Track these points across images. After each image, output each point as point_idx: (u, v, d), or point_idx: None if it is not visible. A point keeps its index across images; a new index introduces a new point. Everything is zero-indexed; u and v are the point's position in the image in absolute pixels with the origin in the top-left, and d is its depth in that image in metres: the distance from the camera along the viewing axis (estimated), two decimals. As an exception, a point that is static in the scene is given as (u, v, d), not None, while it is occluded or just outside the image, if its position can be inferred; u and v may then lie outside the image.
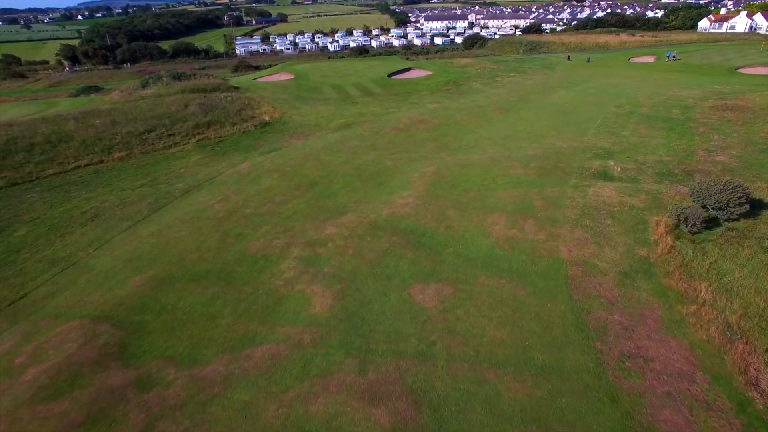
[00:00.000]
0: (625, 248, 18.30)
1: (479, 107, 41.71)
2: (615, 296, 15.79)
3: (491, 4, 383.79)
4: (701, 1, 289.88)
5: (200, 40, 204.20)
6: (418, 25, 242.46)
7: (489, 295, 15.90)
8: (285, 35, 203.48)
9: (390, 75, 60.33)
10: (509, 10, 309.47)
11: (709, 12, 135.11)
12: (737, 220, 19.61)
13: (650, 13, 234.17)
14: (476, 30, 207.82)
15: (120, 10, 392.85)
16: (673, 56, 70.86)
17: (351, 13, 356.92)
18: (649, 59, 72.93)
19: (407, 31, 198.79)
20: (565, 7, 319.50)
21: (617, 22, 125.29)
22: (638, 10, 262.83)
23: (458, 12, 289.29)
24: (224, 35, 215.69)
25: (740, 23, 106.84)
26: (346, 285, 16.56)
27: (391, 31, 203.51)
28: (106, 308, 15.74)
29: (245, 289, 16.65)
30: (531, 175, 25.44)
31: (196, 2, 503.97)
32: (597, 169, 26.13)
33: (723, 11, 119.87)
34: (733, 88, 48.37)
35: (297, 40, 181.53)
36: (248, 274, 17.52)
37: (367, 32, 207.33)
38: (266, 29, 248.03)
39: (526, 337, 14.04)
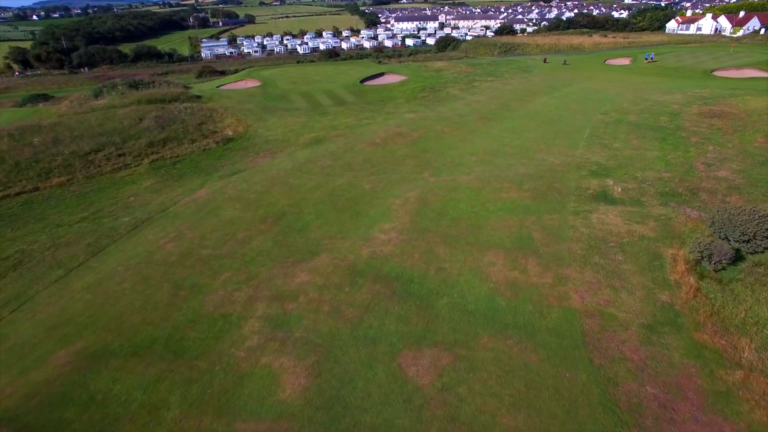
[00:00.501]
0: (643, 292, 15.87)
1: (460, 116, 39.17)
2: (643, 359, 13.28)
3: (460, 5, 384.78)
4: (662, 3, 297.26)
5: (164, 43, 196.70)
6: (389, 26, 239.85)
7: (495, 363, 13.17)
8: (253, 37, 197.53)
9: (362, 81, 57.36)
10: (479, 10, 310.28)
11: (674, 14, 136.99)
12: (762, 252, 17.47)
13: (615, 14, 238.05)
14: (447, 31, 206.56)
15: (79, 11, 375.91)
16: (651, 58, 70.22)
17: (320, 14, 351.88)
18: (625, 61, 72.10)
19: (378, 33, 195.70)
20: (533, 8, 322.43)
21: (588, 23, 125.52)
22: (603, 10, 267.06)
23: (428, 12, 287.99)
24: (189, 38, 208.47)
25: (706, 25, 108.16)
26: (322, 356, 13.56)
27: (362, 32, 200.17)
28: (11, 404, 12.31)
29: (198, 364, 13.47)
30: (525, 198, 22.92)
31: (161, 3, 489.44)
32: (596, 190, 23.82)
33: (689, 13, 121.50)
34: (713, 93, 47.34)
35: (265, 43, 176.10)
36: (203, 342, 14.32)
37: (336, 34, 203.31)
38: (233, 31, 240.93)
39: (546, 426, 11.35)
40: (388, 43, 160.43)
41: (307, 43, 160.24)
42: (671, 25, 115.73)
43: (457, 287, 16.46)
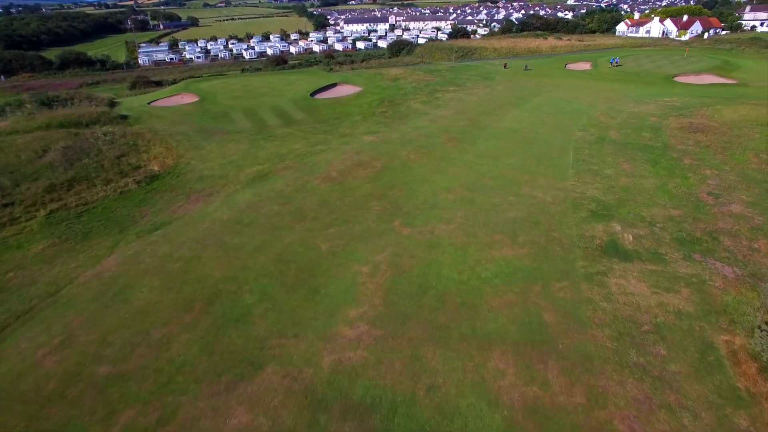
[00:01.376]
0: (712, 415, 11.62)
1: (426, 138, 34.57)
2: None
3: (409, 5, 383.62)
4: (602, 4, 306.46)
5: (98, 48, 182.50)
6: (338, 28, 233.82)
7: None
8: (196, 41, 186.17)
9: (313, 93, 51.86)
10: (428, 11, 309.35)
11: (621, 16, 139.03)
12: (836, 336, 13.66)
13: (560, 14, 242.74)
14: (398, 33, 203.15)
15: (0, 10, 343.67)
16: (616, 62, 68.60)
17: (267, 16, 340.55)
18: (586, 66, 70.09)
19: (327, 35, 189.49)
20: (482, 9, 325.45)
21: (542, 26, 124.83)
22: (549, 11, 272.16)
23: (378, 14, 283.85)
24: (126, 42, 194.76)
25: (655, 28, 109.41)
26: None
27: (311, 35, 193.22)
28: None
29: None
30: (523, 256, 18.48)
31: (96, 3, 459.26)
32: (603, 239, 19.71)
33: (636, 16, 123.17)
34: (684, 102, 45.20)
35: (209, 47, 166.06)
36: None
37: (285, 37, 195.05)
38: (175, 35, 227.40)
39: None
40: (339, 47, 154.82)
41: (253, 48, 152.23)
42: (621, 28, 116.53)
43: (458, 419, 11.67)
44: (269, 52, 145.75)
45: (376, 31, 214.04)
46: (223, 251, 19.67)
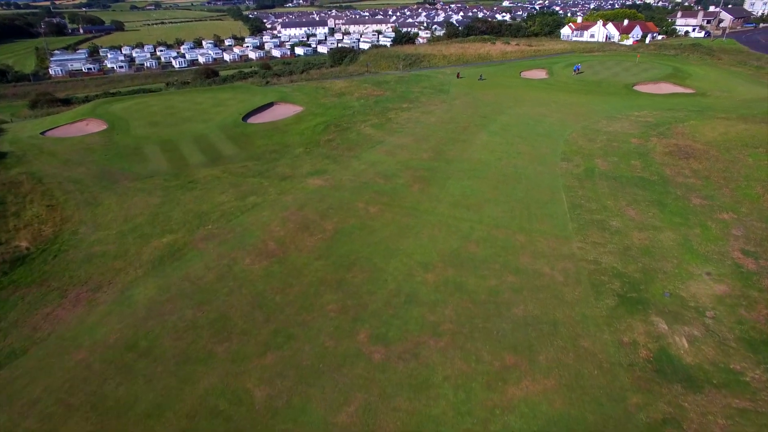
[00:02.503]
0: None
1: (385, 178, 28.33)
2: None
3: (348, 8, 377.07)
4: (536, 6, 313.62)
5: (4, 54, 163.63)
6: (275, 32, 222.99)
7: None
8: (119, 48, 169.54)
9: (246, 116, 44.30)
10: (367, 14, 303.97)
11: (562, 19, 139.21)
12: None
13: (498, 16, 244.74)
14: (338, 36, 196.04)
15: None
16: (578, 69, 65.48)
17: (200, 20, 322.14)
18: (542, 74, 66.45)
19: (264, 41, 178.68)
20: (421, 11, 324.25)
21: (487, 29, 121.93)
22: (486, 12, 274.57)
23: (316, 17, 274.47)
24: (37, 48, 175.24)
25: (598, 32, 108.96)
26: None
27: (246, 40, 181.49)
28: None
29: None
30: (552, 394, 12.63)
31: (3, 4, 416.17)
32: (649, 349, 14.26)
33: (579, 19, 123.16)
34: (657, 118, 41.65)
35: (134, 55, 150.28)
36: None
37: (218, 43, 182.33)
38: (96, 40, 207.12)
39: None
40: (276, 53, 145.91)
41: (184, 56, 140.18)
42: (566, 32, 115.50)
43: None
44: (201, 60, 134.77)
45: (315, 35, 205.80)
46: (97, 419, 12.44)
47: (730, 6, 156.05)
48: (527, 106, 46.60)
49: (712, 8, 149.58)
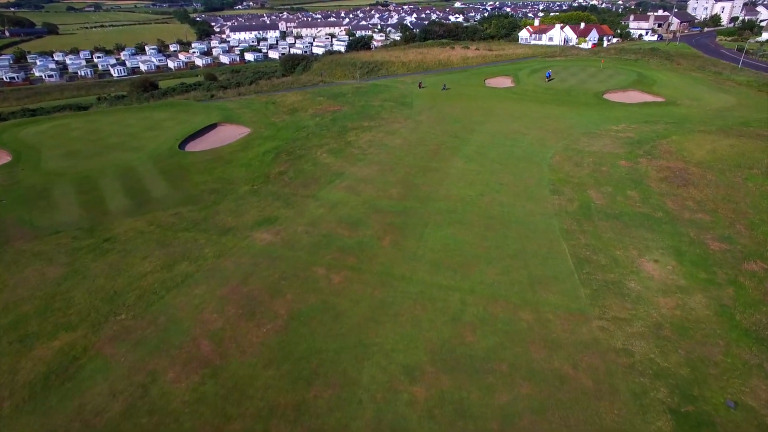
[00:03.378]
0: None
1: (350, 229, 23.42)
2: None
3: (299, 10, 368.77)
4: (487, 8, 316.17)
5: None
6: (224, 36, 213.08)
7: None
8: (51, 54, 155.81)
9: (184, 143, 38.32)
10: (320, 16, 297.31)
11: (517, 22, 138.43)
12: None
13: (452, 18, 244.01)
14: (290, 40, 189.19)
15: None
16: (549, 76, 62.64)
17: (144, 23, 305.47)
18: (507, 82, 63.26)
19: (212, 46, 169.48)
20: (374, 13, 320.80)
21: (444, 33, 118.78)
22: (439, 14, 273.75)
23: (267, 20, 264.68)
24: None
25: (556, 35, 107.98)
26: None
27: (193, 45, 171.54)
28: None
29: None
30: None
31: None
32: None
33: (536, 22, 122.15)
34: (636, 132, 38.93)
35: (68, 62, 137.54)
36: None
37: (163, 48, 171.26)
38: (24, 45, 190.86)
39: None
40: (225, 59, 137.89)
41: (124, 63, 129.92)
42: (524, 35, 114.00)
43: None
44: (143, 67, 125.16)
45: (266, 39, 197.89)
46: None
47: (675, 10, 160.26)
48: (499, 121, 42.80)
49: (660, 12, 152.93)
